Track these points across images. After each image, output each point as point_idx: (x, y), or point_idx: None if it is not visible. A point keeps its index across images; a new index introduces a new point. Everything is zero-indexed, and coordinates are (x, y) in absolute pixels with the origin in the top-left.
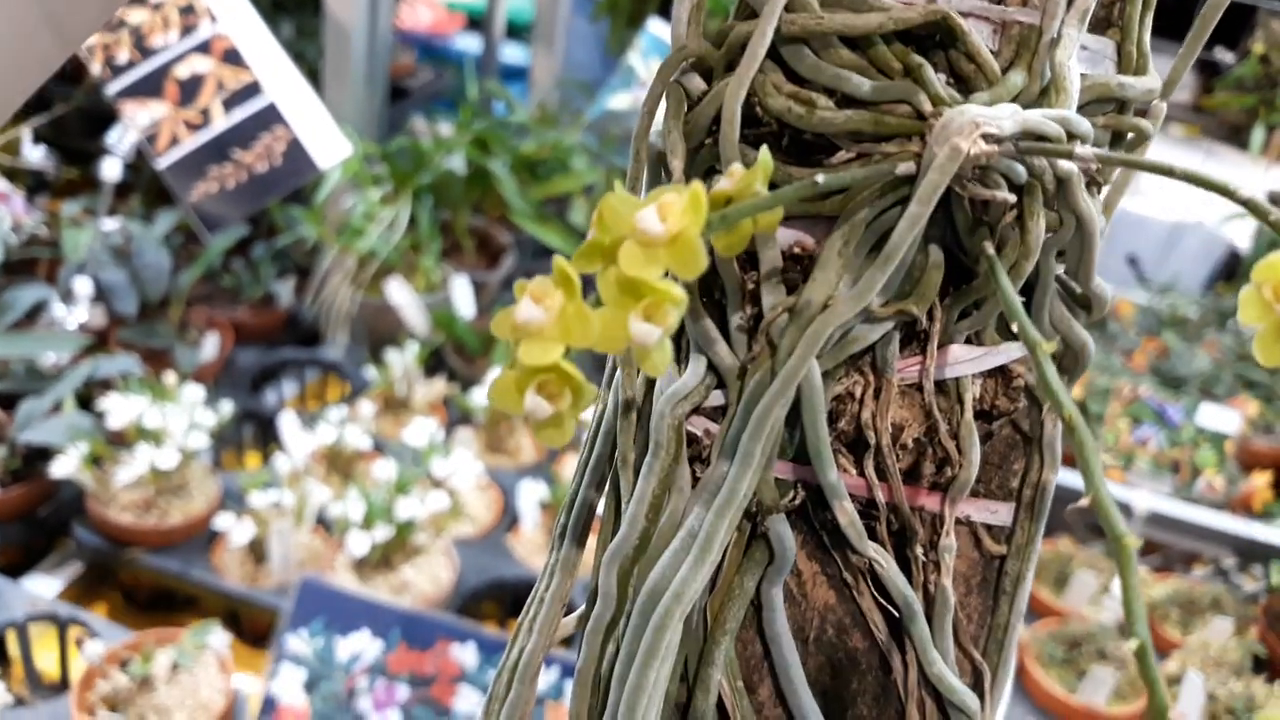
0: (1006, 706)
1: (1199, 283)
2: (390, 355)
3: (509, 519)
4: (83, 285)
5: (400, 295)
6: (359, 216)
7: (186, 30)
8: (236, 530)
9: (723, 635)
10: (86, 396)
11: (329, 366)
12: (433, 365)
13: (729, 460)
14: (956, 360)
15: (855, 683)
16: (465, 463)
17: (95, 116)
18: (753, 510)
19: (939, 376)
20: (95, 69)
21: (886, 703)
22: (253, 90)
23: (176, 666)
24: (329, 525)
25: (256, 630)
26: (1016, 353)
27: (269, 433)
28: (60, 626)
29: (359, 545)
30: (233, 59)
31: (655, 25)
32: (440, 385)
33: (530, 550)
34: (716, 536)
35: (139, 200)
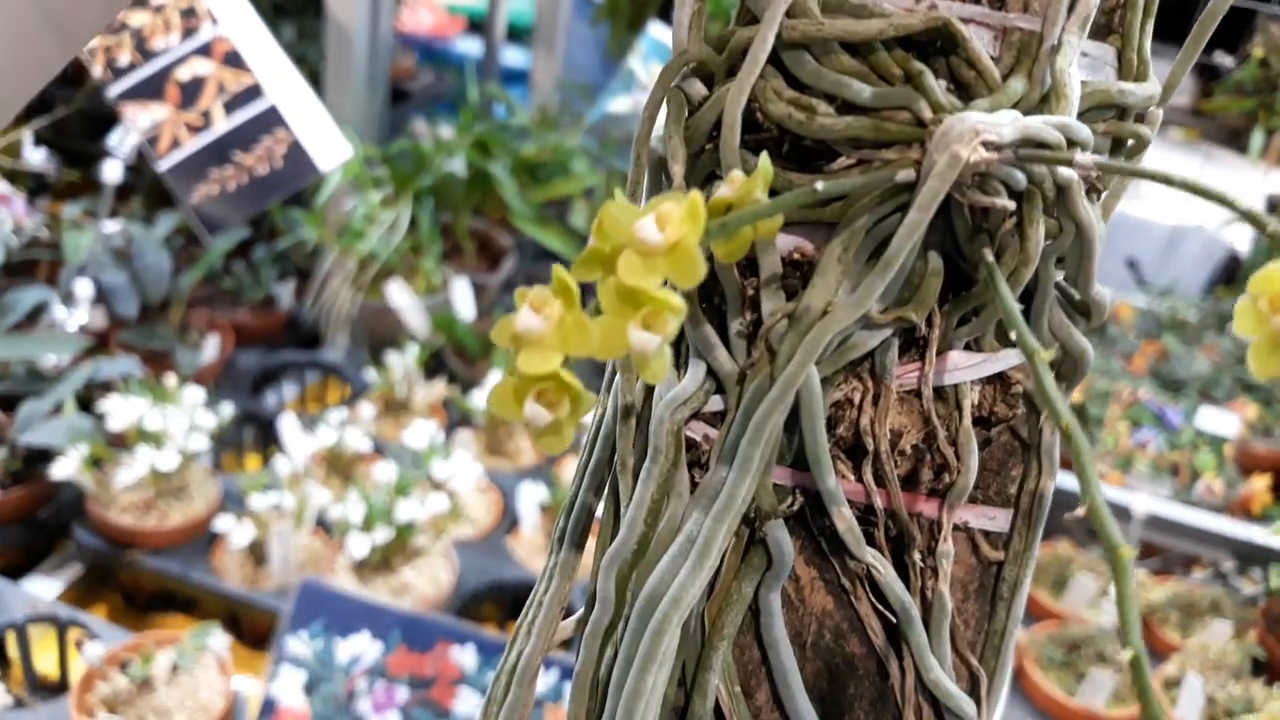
0: (1006, 709)
1: (1198, 286)
2: (390, 357)
3: (509, 521)
4: (83, 287)
5: (400, 297)
6: (359, 219)
7: (188, 33)
8: (236, 532)
9: (720, 640)
10: (87, 398)
11: (329, 369)
12: (433, 367)
13: (728, 466)
14: (955, 367)
15: (852, 688)
16: (465, 465)
17: (96, 119)
18: (751, 516)
19: (938, 383)
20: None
21: (884, 708)
22: (254, 93)
23: (176, 668)
24: (329, 527)
25: (256, 632)
26: (1015, 359)
27: (269, 435)
28: (60, 628)
29: (359, 547)
30: (234, 61)
31: (655, 29)
32: (440, 387)
33: (530, 552)
34: (715, 542)
35: (140, 202)
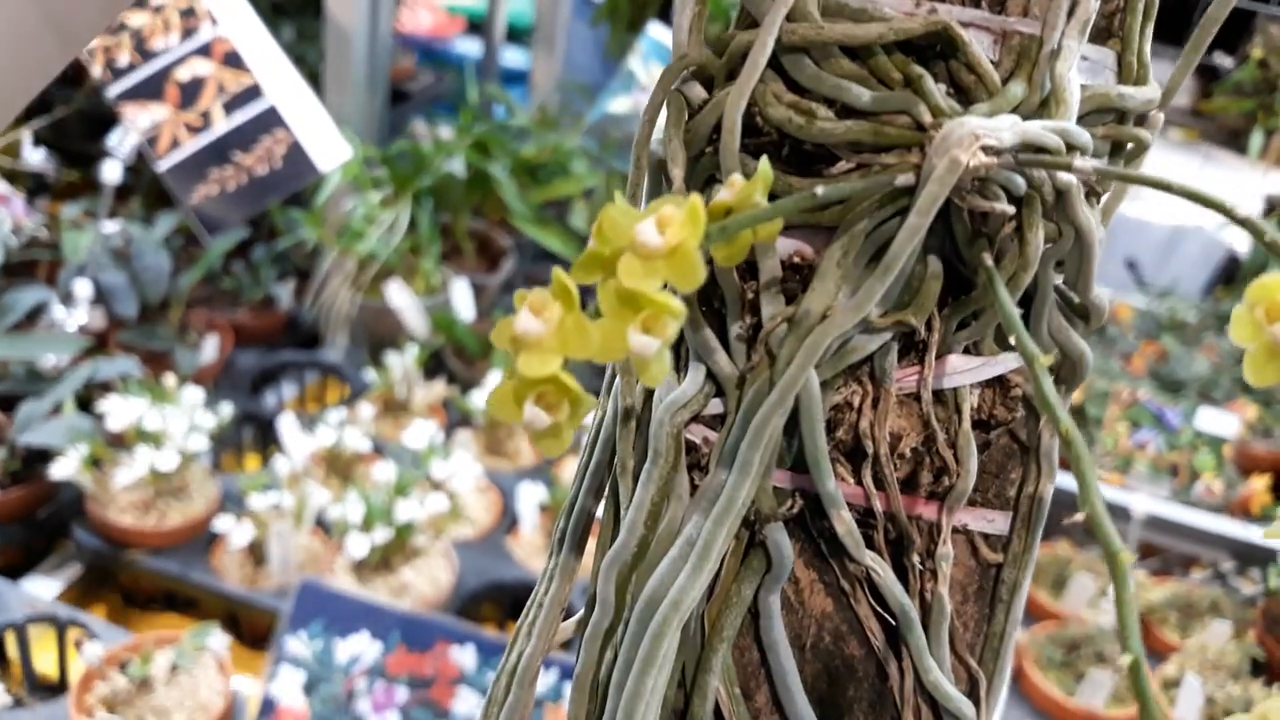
0: (1005, 709)
1: (1198, 287)
2: (390, 358)
3: (508, 521)
4: (83, 287)
5: (400, 298)
6: (359, 219)
7: (187, 33)
8: (236, 532)
9: (720, 642)
10: (86, 398)
11: (329, 369)
12: (432, 368)
13: (727, 468)
14: (955, 370)
15: (852, 690)
16: (464, 465)
17: (96, 119)
18: (751, 518)
19: (937, 386)
20: (96, 71)
21: (882, 709)
22: (253, 93)
23: (175, 668)
24: (328, 527)
25: (256, 632)
26: (1014, 363)
27: (268, 435)
28: (59, 628)
29: (358, 547)
30: (233, 62)
31: (655, 29)
32: (440, 388)
33: (529, 552)
34: (715, 544)
35: (139, 203)
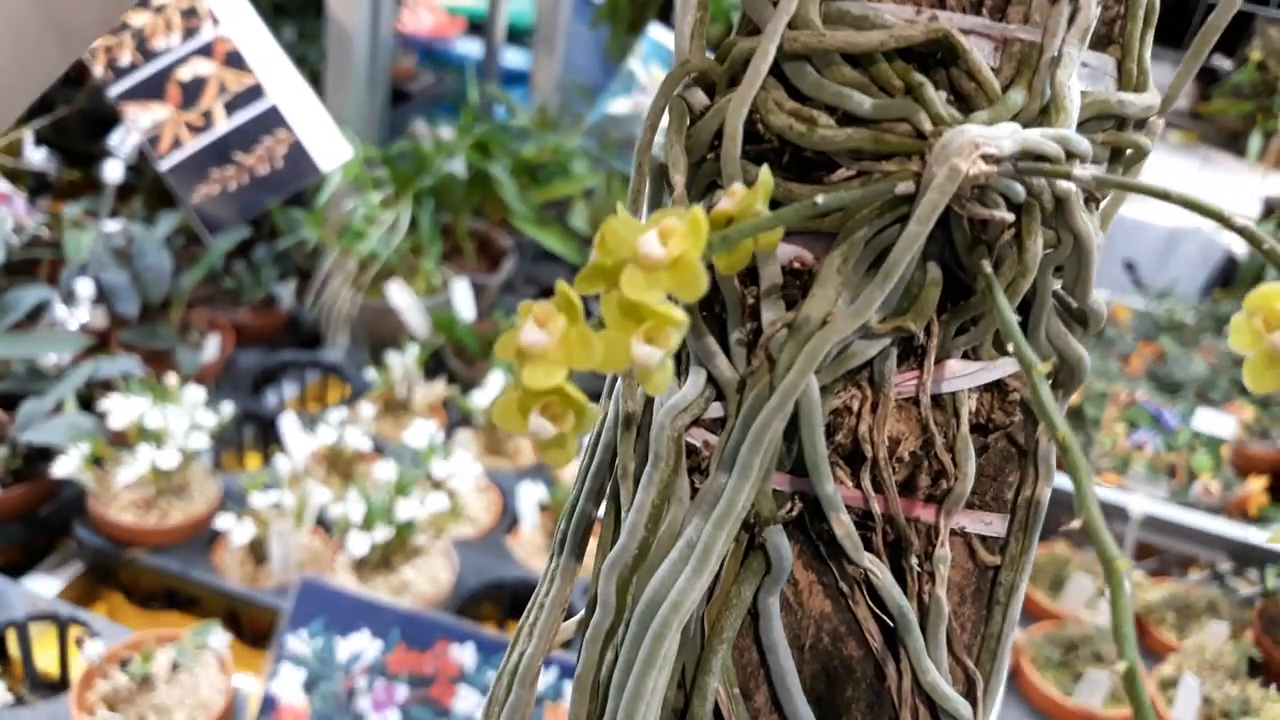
0: (1003, 709)
1: (1196, 288)
2: (390, 357)
3: (508, 520)
4: (84, 286)
5: (401, 298)
6: (360, 219)
7: (189, 33)
8: (237, 531)
9: (720, 643)
10: (88, 397)
11: (329, 368)
12: (433, 367)
13: (728, 472)
14: (953, 375)
15: (850, 690)
16: (465, 464)
17: (97, 118)
18: (751, 521)
19: (936, 391)
20: (97, 71)
21: (880, 710)
22: (255, 93)
23: (176, 666)
24: (329, 526)
25: (256, 630)
26: (1013, 367)
27: (270, 434)
28: (60, 626)
29: (359, 546)
30: (235, 62)
31: (655, 31)
32: (440, 387)
33: (529, 551)
34: (715, 547)
35: (141, 202)
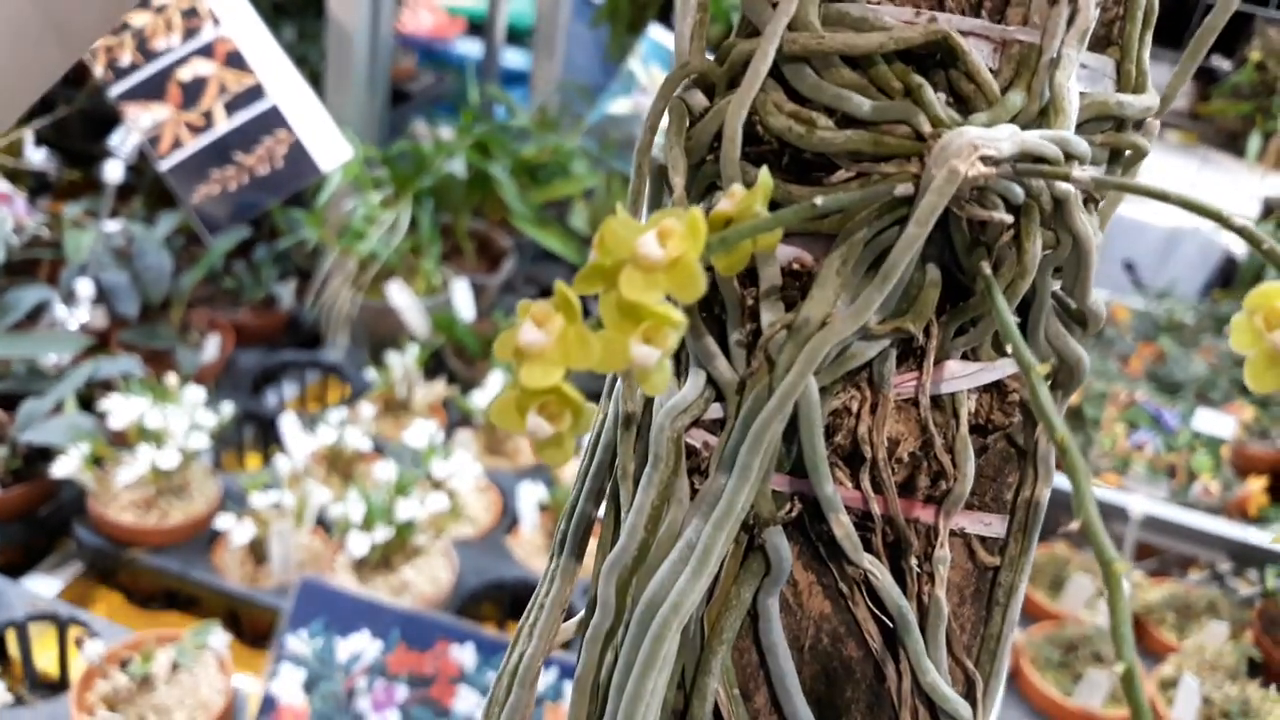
0: (1003, 709)
1: (1196, 288)
2: (390, 357)
3: (508, 520)
4: (84, 286)
5: (401, 298)
6: (360, 219)
7: (189, 33)
8: (237, 531)
9: (720, 644)
10: (88, 397)
11: (329, 368)
12: (433, 367)
13: (727, 473)
14: (952, 376)
15: (849, 691)
16: (465, 464)
17: (97, 118)
18: (750, 522)
19: (935, 392)
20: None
21: (880, 711)
22: (255, 93)
23: (176, 666)
24: (329, 526)
25: (256, 630)
26: (1012, 368)
27: (269, 434)
28: (60, 626)
29: (359, 546)
30: (235, 62)
31: (655, 31)
32: (440, 387)
33: (529, 551)
34: (714, 548)
35: (141, 202)
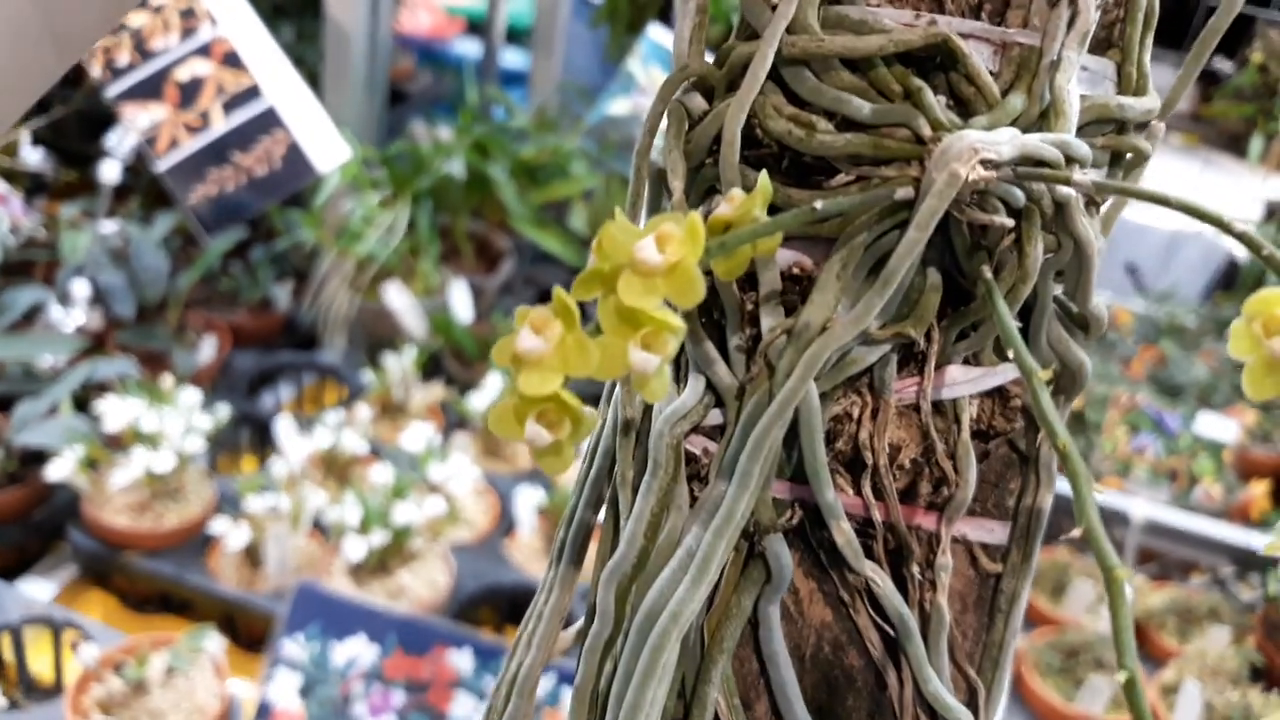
0: (1005, 715)
1: (1197, 292)
2: (388, 359)
3: (506, 524)
4: (80, 287)
5: (398, 299)
6: (358, 220)
7: (187, 33)
8: (232, 534)
9: (720, 653)
10: (83, 399)
11: (326, 370)
12: (430, 370)
13: (727, 480)
14: (954, 381)
15: (851, 700)
16: (462, 468)
17: (94, 119)
18: (750, 529)
19: (936, 397)
20: (95, 71)
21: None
22: (252, 94)
23: (172, 670)
24: (325, 530)
25: (252, 635)
26: (1014, 373)
27: (266, 436)
28: (55, 630)
29: (355, 550)
30: (233, 62)
31: (655, 31)
32: (438, 390)
33: (527, 556)
34: (714, 556)
35: (137, 202)
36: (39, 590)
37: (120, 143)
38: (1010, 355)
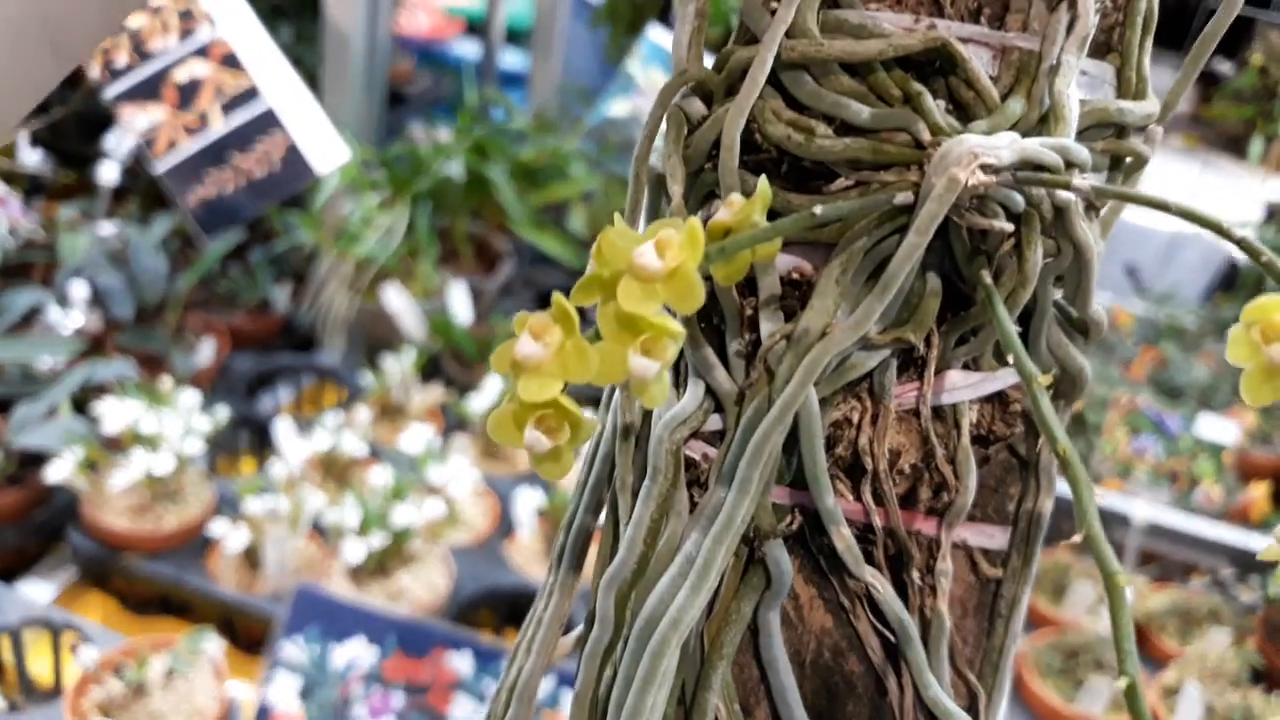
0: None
1: (1197, 293)
2: (387, 361)
3: (505, 526)
4: (79, 289)
5: (397, 301)
6: (357, 222)
7: (185, 34)
8: (231, 536)
9: (720, 659)
10: (82, 401)
11: (325, 372)
12: (429, 371)
13: (727, 486)
14: (954, 386)
15: (851, 706)
16: (462, 470)
17: (93, 120)
18: (750, 535)
19: (936, 402)
20: (94, 72)
21: None
22: (251, 95)
23: (171, 673)
24: (324, 532)
25: (251, 637)
26: (1013, 378)
27: (265, 438)
28: (54, 632)
29: (355, 552)
30: (231, 63)
31: (654, 32)
32: (437, 391)
33: (526, 558)
34: (714, 562)
35: (136, 204)
36: (38, 592)
37: (118, 144)
38: (1010, 360)
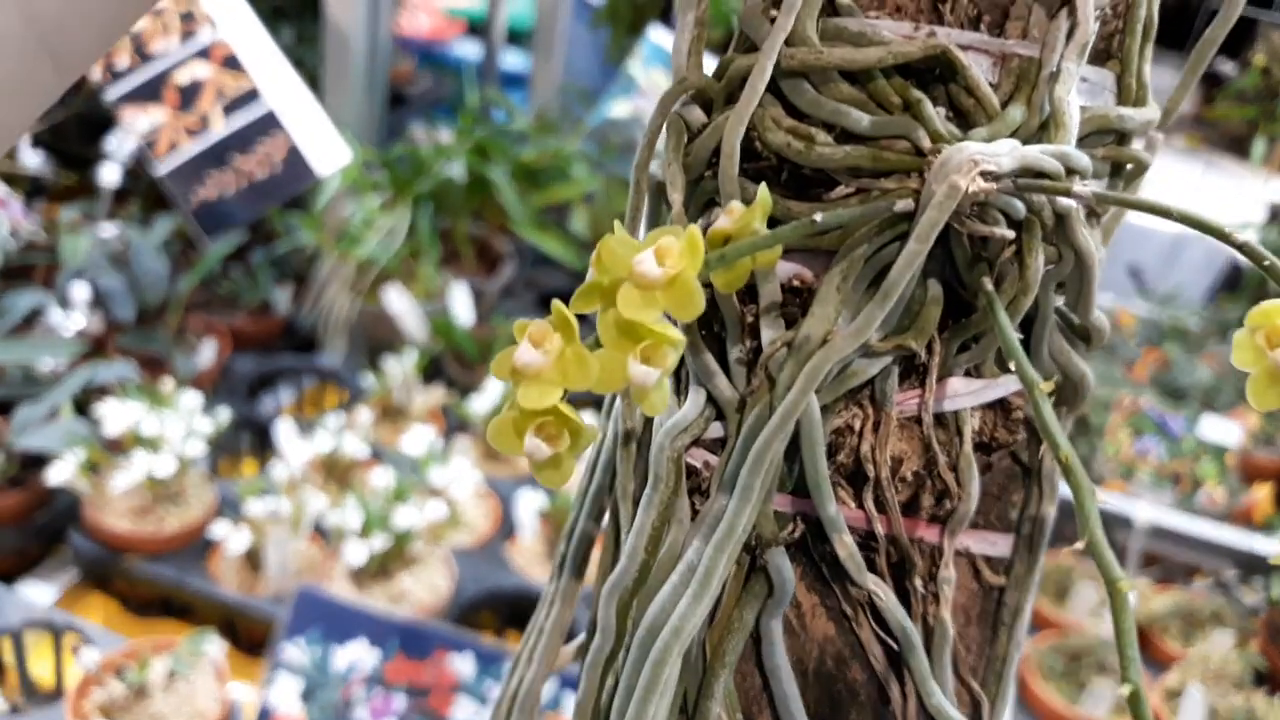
0: None
1: (1201, 294)
2: (388, 363)
3: (507, 528)
4: (80, 291)
5: (399, 303)
6: (358, 223)
7: (187, 36)
8: (233, 538)
9: (722, 668)
10: (83, 402)
11: (327, 374)
12: (431, 373)
13: (728, 493)
14: (955, 393)
15: (854, 714)
16: (463, 471)
17: (94, 122)
18: (752, 543)
19: (938, 409)
20: (95, 74)
21: None
22: (252, 96)
23: (173, 675)
24: (326, 534)
25: (253, 639)
26: (1015, 385)
27: (266, 440)
28: (55, 634)
29: (356, 554)
30: (233, 65)
31: (655, 33)
32: (438, 393)
33: (528, 560)
34: (716, 570)
35: (137, 206)
36: (39, 594)
37: (120, 146)
38: (1012, 367)
